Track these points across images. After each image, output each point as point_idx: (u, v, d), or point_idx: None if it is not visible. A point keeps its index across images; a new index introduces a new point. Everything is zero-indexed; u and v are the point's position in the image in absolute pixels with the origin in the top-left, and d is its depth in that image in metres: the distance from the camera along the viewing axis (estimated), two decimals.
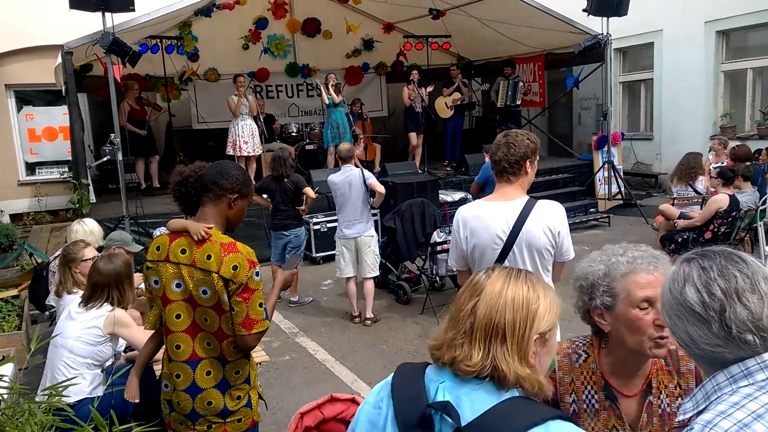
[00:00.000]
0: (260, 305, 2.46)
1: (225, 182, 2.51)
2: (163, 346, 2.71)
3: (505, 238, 2.76)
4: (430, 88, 11.17)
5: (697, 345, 1.30)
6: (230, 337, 2.48)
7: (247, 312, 2.41)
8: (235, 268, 2.39)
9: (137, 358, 2.94)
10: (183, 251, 2.47)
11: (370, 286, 6.33)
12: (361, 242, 6.22)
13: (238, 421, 2.55)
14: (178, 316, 2.49)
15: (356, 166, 6.51)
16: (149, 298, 2.68)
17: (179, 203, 2.74)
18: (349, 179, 6.16)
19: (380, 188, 6.23)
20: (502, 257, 2.78)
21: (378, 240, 6.56)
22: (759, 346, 1.26)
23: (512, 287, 1.43)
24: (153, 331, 2.78)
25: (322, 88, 10.12)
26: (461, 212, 2.92)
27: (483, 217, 2.82)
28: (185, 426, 2.56)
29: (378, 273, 6.46)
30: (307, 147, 11.50)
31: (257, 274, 2.45)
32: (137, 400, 2.93)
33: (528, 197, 2.83)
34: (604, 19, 9.86)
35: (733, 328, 1.25)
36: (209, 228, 2.48)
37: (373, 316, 6.34)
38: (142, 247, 5.09)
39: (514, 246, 2.76)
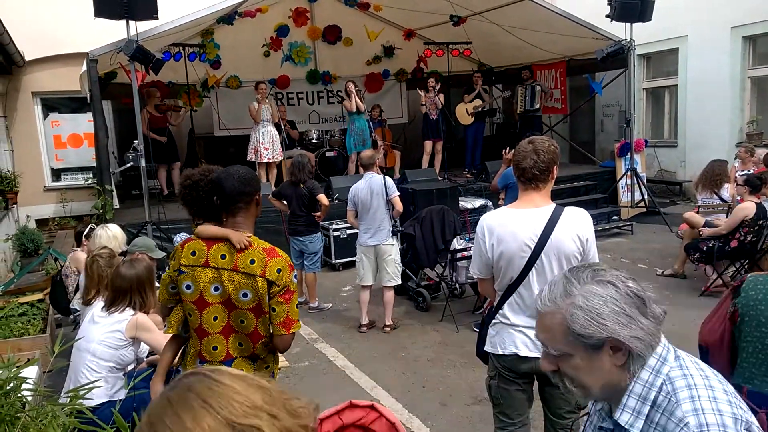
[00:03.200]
0: (297, 306, 2.58)
1: (250, 188, 2.63)
2: (182, 350, 2.72)
3: (533, 246, 2.73)
4: (429, 92, 11.02)
5: (651, 337, 1.38)
6: (264, 338, 2.59)
7: (288, 313, 2.54)
8: (279, 271, 2.51)
9: (159, 363, 2.93)
10: (223, 256, 2.56)
11: (389, 295, 6.29)
12: (381, 250, 6.19)
13: None
14: (215, 318, 2.57)
15: (379, 173, 6.49)
16: (167, 300, 2.72)
17: (189, 207, 2.79)
18: (371, 186, 6.13)
19: (399, 206, 6.18)
20: (529, 265, 2.75)
21: (398, 247, 6.52)
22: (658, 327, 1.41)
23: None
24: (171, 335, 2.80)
25: (351, 96, 10.08)
26: (486, 220, 2.89)
27: (510, 225, 2.79)
28: None
29: (399, 282, 6.40)
30: (327, 154, 11.53)
31: (295, 276, 2.59)
32: None
33: (555, 204, 2.81)
34: (628, 24, 9.76)
35: (655, 309, 1.40)
36: (249, 236, 2.59)
37: (392, 323, 6.31)
38: (164, 254, 5.13)
39: (542, 254, 2.73)
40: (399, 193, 6.24)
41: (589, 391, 1.42)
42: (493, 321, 2.92)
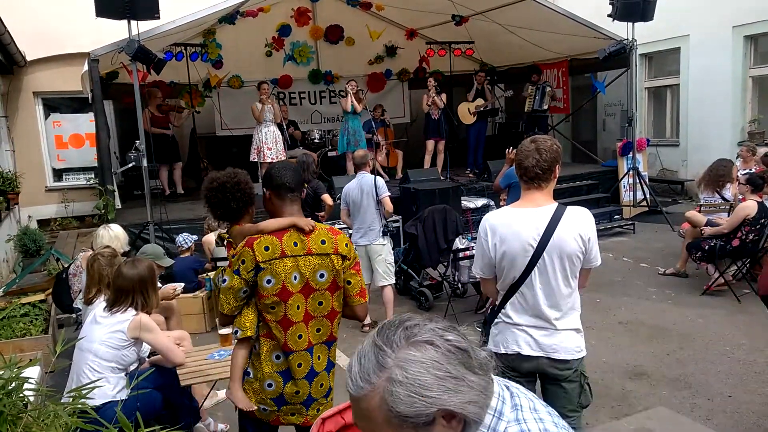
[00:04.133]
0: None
1: (303, 180, 2.83)
2: (253, 345, 2.72)
3: (536, 245, 2.73)
4: (431, 90, 10.98)
5: (484, 395, 1.17)
6: (339, 313, 2.75)
7: (360, 283, 2.76)
8: (346, 245, 2.71)
9: (233, 369, 2.73)
10: (295, 244, 2.64)
11: (388, 295, 6.27)
12: (371, 250, 6.17)
13: (331, 399, 2.77)
14: (298, 308, 2.64)
15: (374, 173, 6.47)
16: (235, 308, 2.64)
17: (214, 209, 2.81)
18: (362, 186, 6.11)
19: (389, 207, 6.15)
20: (532, 264, 2.75)
21: (392, 247, 6.47)
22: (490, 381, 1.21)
23: None
24: (174, 336, 2.80)
25: (348, 95, 10.06)
26: (489, 219, 2.88)
27: (513, 225, 2.79)
28: (297, 415, 2.70)
29: (393, 281, 6.38)
30: (330, 154, 11.53)
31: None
32: (254, 408, 2.71)
33: (557, 204, 2.80)
34: (630, 24, 9.75)
35: (480, 356, 1.20)
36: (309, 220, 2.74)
37: None
38: (173, 261, 5.13)
39: (545, 253, 2.73)
40: (389, 194, 6.21)
41: None
42: (496, 320, 2.92)
